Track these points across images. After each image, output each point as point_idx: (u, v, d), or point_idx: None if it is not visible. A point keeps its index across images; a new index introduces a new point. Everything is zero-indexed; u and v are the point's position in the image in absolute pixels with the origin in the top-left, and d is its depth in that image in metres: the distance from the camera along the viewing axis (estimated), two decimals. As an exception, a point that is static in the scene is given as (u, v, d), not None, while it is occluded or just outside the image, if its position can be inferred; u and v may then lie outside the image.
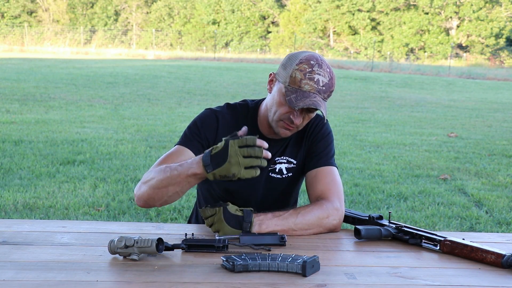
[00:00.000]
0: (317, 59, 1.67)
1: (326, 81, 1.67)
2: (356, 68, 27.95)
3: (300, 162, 1.87)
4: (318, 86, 1.65)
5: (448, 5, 42.21)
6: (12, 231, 1.64)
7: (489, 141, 7.86)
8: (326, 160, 1.82)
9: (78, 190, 4.56)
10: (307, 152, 1.86)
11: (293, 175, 1.87)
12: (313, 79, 1.65)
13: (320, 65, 1.66)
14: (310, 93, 1.65)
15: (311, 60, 1.66)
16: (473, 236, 1.69)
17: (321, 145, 1.84)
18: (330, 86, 1.68)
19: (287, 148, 1.86)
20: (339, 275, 1.34)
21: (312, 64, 1.66)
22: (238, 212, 1.59)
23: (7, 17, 47.42)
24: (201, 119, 1.81)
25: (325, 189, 1.76)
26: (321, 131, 1.86)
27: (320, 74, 1.66)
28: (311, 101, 1.64)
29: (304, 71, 1.65)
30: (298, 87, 1.66)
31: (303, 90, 1.65)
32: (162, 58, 31.91)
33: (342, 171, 5.60)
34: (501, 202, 4.67)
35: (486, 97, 15.73)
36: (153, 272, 1.33)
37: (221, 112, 1.83)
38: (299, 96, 1.65)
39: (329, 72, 1.69)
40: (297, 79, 1.65)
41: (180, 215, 4.00)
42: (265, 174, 1.84)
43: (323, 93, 1.67)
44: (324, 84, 1.66)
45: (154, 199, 1.68)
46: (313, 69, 1.65)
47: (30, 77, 15.00)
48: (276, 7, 49.01)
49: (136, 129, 7.73)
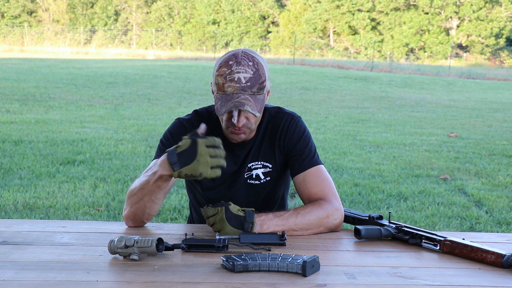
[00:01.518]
0: (236, 57, 1.65)
1: (250, 75, 1.63)
2: (356, 68, 27.94)
3: (276, 165, 1.84)
4: (241, 85, 1.63)
5: (448, 5, 42.20)
6: (12, 231, 1.64)
7: (489, 141, 7.86)
8: (310, 160, 1.79)
9: (78, 190, 4.56)
10: (286, 155, 1.83)
11: (272, 179, 1.85)
12: (233, 79, 1.62)
13: (239, 62, 1.64)
14: (234, 94, 1.63)
15: (230, 61, 1.65)
16: (473, 236, 1.69)
17: (300, 146, 1.81)
18: (256, 79, 1.65)
19: (260, 152, 1.83)
20: (339, 275, 1.34)
21: (231, 64, 1.64)
22: (240, 212, 1.60)
23: (7, 17, 47.41)
24: (171, 131, 1.84)
25: (317, 190, 1.75)
26: (296, 132, 1.82)
27: (240, 71, 1.63)
28: (233, 103, 1.62)
29: (224, 75, 1.64)
30: (223, 92, 1.65)
31: (227, 93, 1.64)
32: (162, 58, 31.90)
33: (342, 171, 5.60)
34: (501, 202, 4.67)
35: (486, 97, 15.73)
36: (153, 272, 1.33)
37: (189, 120, 1.84)
38: (223, 101, 1.64)
39: (251, 65, 1.65)
40: (220, 84, 1.65)
41: (180, 215, 4.00)
42: (243, 182, 1.83)
43: (250, 89, 1.64)
44: (248, 79, 1.63)
45: (137, 215, 1.69)
46: (231, 69, 1.63)
47: (30, 77, 15.00)
48: (276, 7, 49.00)
49: (136, 129, 7.73)
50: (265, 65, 1.70)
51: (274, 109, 1.87)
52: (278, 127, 1.82)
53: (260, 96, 1.67)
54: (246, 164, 1.83)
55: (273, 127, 1.83)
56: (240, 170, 1.83)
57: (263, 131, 1.84)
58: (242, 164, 1.83)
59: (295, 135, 1.82)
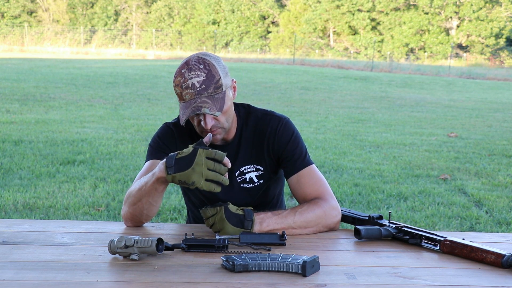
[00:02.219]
0: (188, 64, 1.65)
1: (202, 78, 1.63)
2: (356, 68, 27.94)
3: (267, 169, 1.84)
4: (195, 89, 1.63)
5: (448, 5, 42.20)
6: (12, 231, 1.64)
7: (489, 141, 7.86)
8: (302, 161, 1.80)
9: (78, 190, 4.56)
10: (277, 158, 1.83)
11: (265, 181, 1.85)
12: (188, 86, 1.63)
13: (190, 68, 1.64)
14: (191, 100, 1.64)
15: (182, 69, 1.66)
16: (473, 236, 1.69)
17: (290, 148, 1.81)
18: (210, 80, 1.64)
19: (251, 155, 1.83)
20: (339, 275, 1.34)
21: (183, 72, 1.65)
22: (239, 211, 1.61)
23: (7, 17, 47.41)
24: (159, 134, 1.86)
25: (312, 190, 1.76)
26: (284, 135, 1.82)
27: (193, 77, 1.64)
28: (191, 109, 1.63)
29: (179, 84, 1.65)
30: (183, 101, 1.66)
31: (186, 100, 1.65)
32: (162, 58, 31.90)
33: (342, 171, 5.60)
34: (501, 202, 4.67)
35: (486, 97, 15.73)
36: (153, 272, 1.33)
37: (175, 124, 1.86)
38: (184, 108, 1.66)
39: (202, 68, 1.65)
40: (179, 93, 1.66)
41: (180, 215, 4.00)
42: (237, 186, 1.83)
43: (205, 91, 1.64)
44: (202, 82, 1.63)
45: (136, 216, 1.70)
46: (185, 77, 1.64)
47: (30, 77, 15.00)
48: (276, 7, 49.00)
49: (136, 129, 7.73)
50: (219, 63, 1.69)
51: (261, 111, 1.87)
52: (266, 130, 1.82)
53: (218, 95, 1.66)
54: (237, 167, 1.82)
55: (261, 130, 1.83)
56: (230, 172, 1.79)
57: (251, 134, 1.83)
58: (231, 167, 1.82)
59: (283, 137, 1.81)
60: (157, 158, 1.79)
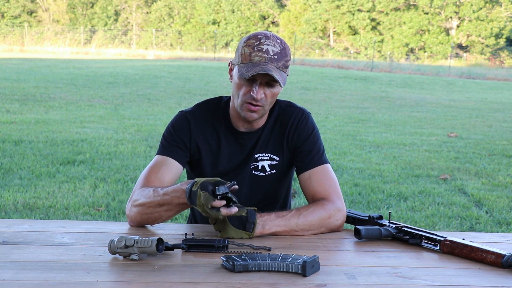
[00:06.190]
0: (265, 34, 1.68)
1: (277, 50, 1.65)
2: (356, 68, 27.93)
3: (284, 160, 1.84)
4: (269, 55, 1.64)
5: (448, 5, 42.19)
6: (12, 231, 1.64)
7: (489, 141, 7.86)
8: (318, 159, 1.79)
9: (78, 190, 4.56)
10: (294, 152, 1.82)
11: (277, 172, 1.84)
12: (262, 49, 1.64)
13: (268, 37, 1.66)
14: (261, 63, 1.63)
15: (259, 35, 1.67)
16: (473, 236, 1.69)
17: (309, 144, 1.81)
18: (283, 56, 1.66)
19: (268, 144, 1.83)
20: (339, 275, 1.34)
21: (260, 37, 1.66)
22: (242, 212, 1.59)
23: (7, 17, 47.39)
24: (173, 125, 1.83)
25: (322, 189, 1.75)
26: (305, 129, 1.82)
27: (269, 44, 1.65)
28: (261, 68, 1.62)
29: (252, 45, 1.65)
30: (249, 61, 1.65)
31: (254, 62, 1.64)
32: (162, 58, 31.88)
33: (342, 171, 5.60)
34: (501, 202, 4.67)
35: (486, 97, 15.73)
36: (153, 272, 1.33)
37: (191, 112, 1.84)
38: (250, 67, 1.64)
39: (279, 43, 1.67)
40: (247, 54, 1.65)
41: (180, 215, 4.00)
42: (248, 172, 1.83)
43: (276, 62, 1.65)
44: (275, 53, 1.65)
45: (147, 221, 1.70)
46: (261, 41, 1.65)
47: (30, 77, 14.99)
48: (276, 7, 49.00)
49: (136, 129, 7.73)
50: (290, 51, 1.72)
51: (285, 102, 1.87)
52: (288, 121, 1.82)
53: (284, 73, 1.68)
54: (253, 155, 1.82)
55: (283, 121, 1.83)
56: (246, 160, 1.82)
57: (272, 123, 1.83)
58: (248, 154, 1.83)
59: (304, 132, 1.82)
60: (168, 154, 1.78)
